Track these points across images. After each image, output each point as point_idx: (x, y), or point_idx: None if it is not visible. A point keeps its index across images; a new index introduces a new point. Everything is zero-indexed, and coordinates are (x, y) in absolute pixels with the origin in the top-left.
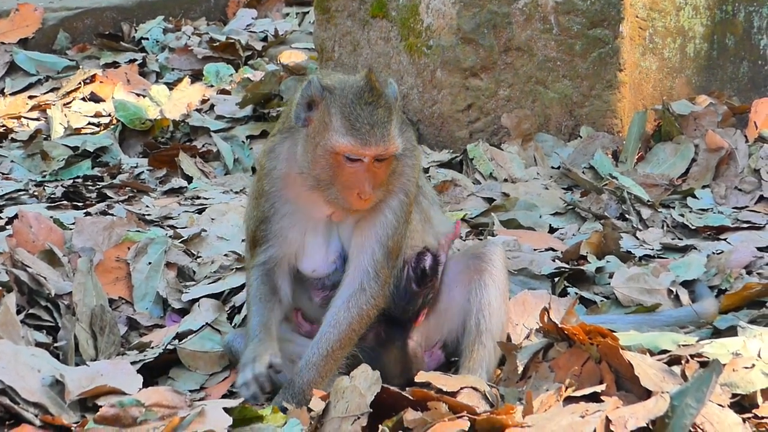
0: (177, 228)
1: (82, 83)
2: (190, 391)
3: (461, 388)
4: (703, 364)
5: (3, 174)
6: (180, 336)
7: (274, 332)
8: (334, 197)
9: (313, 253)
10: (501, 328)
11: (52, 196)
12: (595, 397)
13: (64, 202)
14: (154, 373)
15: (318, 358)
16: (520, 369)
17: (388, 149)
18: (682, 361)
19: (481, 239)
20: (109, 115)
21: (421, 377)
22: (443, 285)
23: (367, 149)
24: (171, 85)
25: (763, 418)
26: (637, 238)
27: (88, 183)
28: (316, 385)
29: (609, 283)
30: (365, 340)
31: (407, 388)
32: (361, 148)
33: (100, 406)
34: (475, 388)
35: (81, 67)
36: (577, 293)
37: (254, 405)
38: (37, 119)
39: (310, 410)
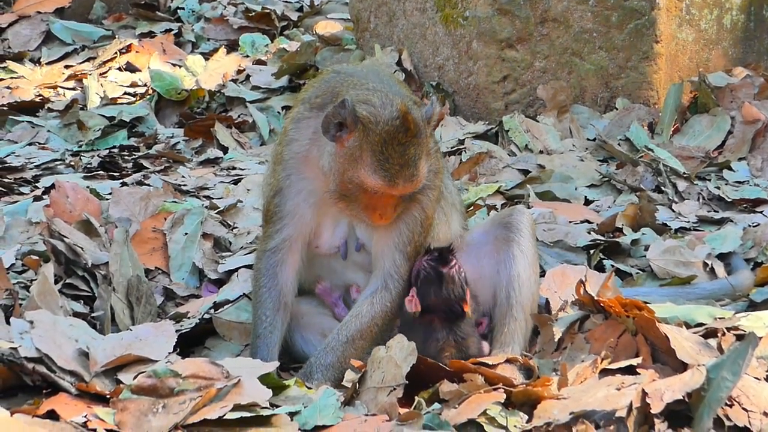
0: (213, 198)
1: (118, 53)
2: None
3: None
4: (739, 337)
5: (39, 144)
6: (216, 306)
7: (276, 353)
8: (356, 213)
9: (321, 231)
10: (531, 299)
11: (89, 166)
12: (631, 370)
13: (101, 172)
14: (190, 342)
15: (337, 343)
16: (557, 338)
17: (414, 186)
18: (718, 334)
19: None
20: (145, 85)
21: None
22: (472, 255)
23: (394, 189)
24: (207, 55)
25: None
26: (673, 211)
27: (125, 153)
28: (333, 368)
29: (644, 256)
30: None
31: None
32: (389, 188)
33: (133, 376)
34: (510, 360)
35: (117, 36)
36: (612, 265)
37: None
38: (74, 89)
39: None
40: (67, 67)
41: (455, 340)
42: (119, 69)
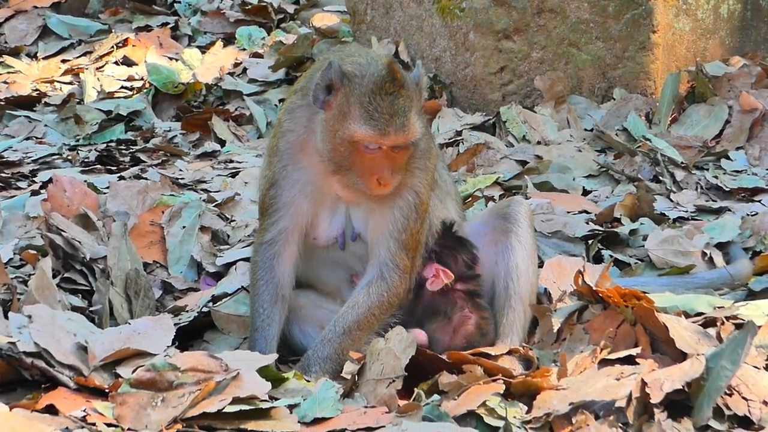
0: (210, 192)
1: (115, 47)
2: None
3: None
4: (738, 326)
5: (37, 138)
6: (214, 299)
7: (275, 346)
8: (353, 183)
9: (317, 222)
10: (530, 290)
11: (86, 160)
12: (630, 360)
13: (98, 166)
14: (188, 336)
15: (334, 335)
16: (555, 329)
17: (407, 137)
18: (717, 323)
19: None
20: (142, 79)
21: None
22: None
23: (385, 139)
24: (203, 49)
25: None
26: (671, 200)
27: (122, 147)
28: (330, 360)
29: (643, 246)
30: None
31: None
32: (380, 138)
33: (132, 370)
34: (510, 351)
35: (113, 30)
36: (611, 256)
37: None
38: (70, 83)
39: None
40: (63, 61)
41: (478, 312)
42: (116, 63)
